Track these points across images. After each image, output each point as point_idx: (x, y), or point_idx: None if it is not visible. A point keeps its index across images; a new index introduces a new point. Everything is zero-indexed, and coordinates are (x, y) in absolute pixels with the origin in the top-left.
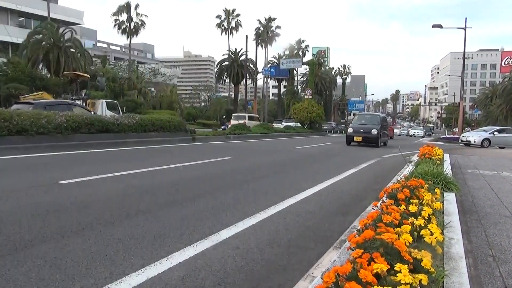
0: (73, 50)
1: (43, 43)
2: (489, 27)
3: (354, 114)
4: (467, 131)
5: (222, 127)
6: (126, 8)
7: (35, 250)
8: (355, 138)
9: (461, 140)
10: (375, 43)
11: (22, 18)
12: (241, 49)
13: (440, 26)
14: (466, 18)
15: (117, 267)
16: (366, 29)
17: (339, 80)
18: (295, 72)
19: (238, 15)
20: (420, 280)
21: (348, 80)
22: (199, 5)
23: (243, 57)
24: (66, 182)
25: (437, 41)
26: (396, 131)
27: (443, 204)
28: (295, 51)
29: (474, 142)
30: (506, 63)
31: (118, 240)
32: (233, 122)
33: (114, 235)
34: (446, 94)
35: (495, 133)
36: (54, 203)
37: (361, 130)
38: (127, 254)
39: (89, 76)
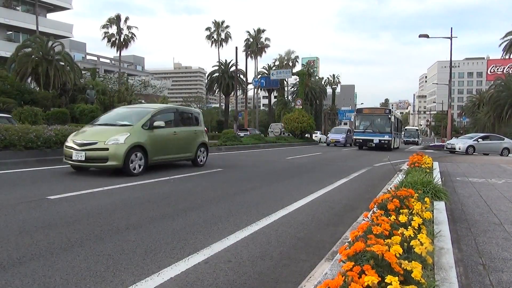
0: (63, 63)
1: (32, 56)
2: (475, 36)
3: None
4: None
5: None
6: (116, 20)
7: (23, 268)
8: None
9: (446, 147)
10: (365, 52)
11: (10, 32)
12: (231, 60)
13: (427, 36)
14: (451, 28)
15: (107, 284)
16: (356, 39)
17: (329, 90)
18: (285, 82)
19: (227, 26)
20: None
21: (338, 89)
22: (190, 17)
23: (233, 68)
24: (55, 197)
25: (425, 50)
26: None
27: (433, 213)
28: (285, 62)
29: (459, 149)
30: (491, 71)
31: (108, 256)
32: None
33: (104, 251)
34: (435, 102)
35: (479, 140)
36: (43, 219)
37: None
38: (118, 271)
39: None
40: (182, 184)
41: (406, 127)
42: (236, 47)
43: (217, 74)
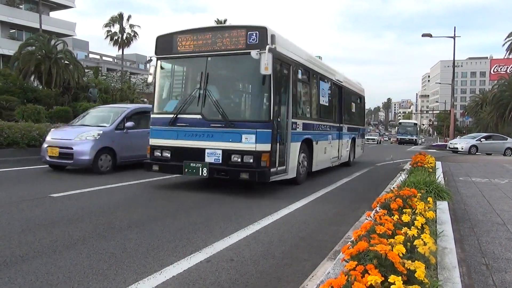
0: (66, 62)
1: (35, 54)
2: (478, 36)
3: None
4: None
5: None
6: (119, 19)
7: (26, 265)
8: None
9: (449, 147)
10: (368, 52)
11: (14, 30)
12: None
13: (430, 35)
14: (454, 27)
15: (109, 282)
16: (359, 39)
17: None
18: None
19: None
20: None
21: None
22: (194, 16)
23: None
24: (58, 195)
25: (428, 50)
26: None
27: (436, 213)
28: None
29: (462, 149)
30: (495, 70)
31: (111, 254)
32: None
33: (107, 249)
34: (437, 101)
35: (482, 139)
36: (46, 217)
37: None
38: (120, 269)
39: None
40: (183, 184)
41: (401, 121)
42: None
43: None
